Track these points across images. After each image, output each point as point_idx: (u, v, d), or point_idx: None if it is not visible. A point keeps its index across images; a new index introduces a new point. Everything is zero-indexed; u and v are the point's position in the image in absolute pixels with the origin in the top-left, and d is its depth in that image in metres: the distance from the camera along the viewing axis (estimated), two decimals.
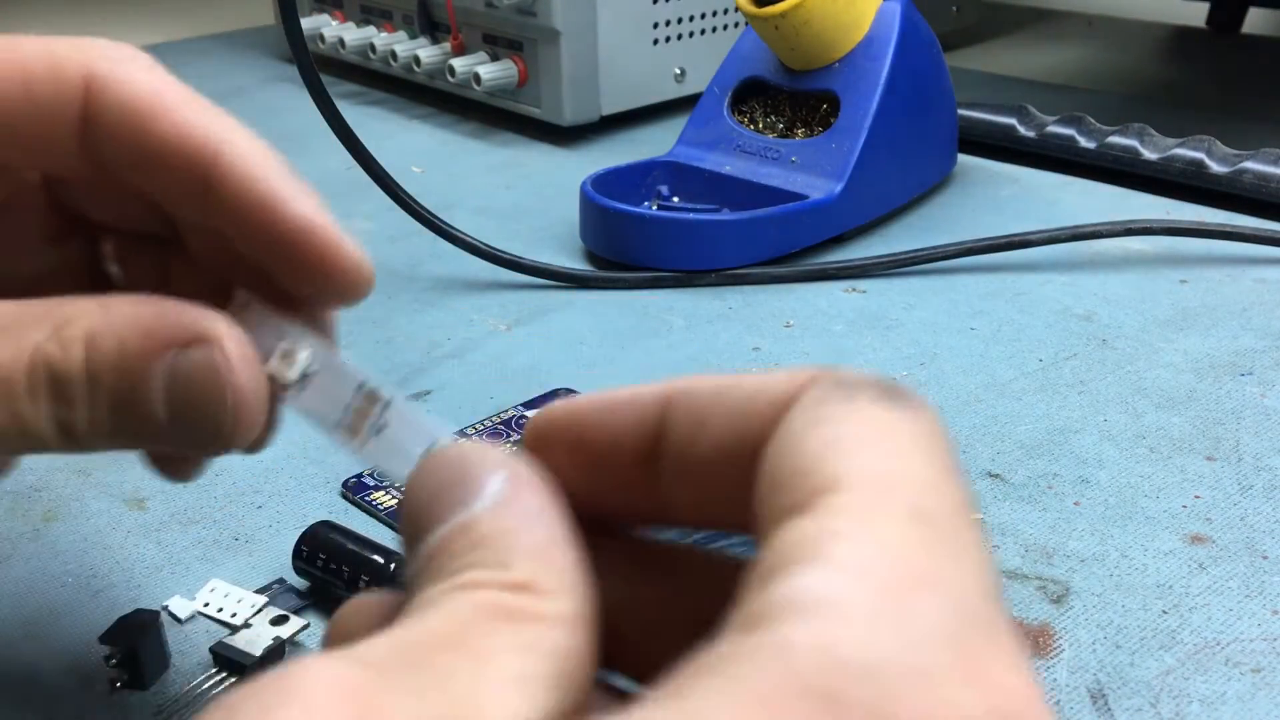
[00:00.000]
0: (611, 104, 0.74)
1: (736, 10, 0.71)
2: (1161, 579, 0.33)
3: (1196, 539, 0.35)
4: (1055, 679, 0.29)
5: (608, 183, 0.57)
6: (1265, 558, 0.34)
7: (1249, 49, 1.02)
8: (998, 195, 0.64)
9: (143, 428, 0.21)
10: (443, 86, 0.78)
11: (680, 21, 0.76)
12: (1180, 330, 0.48)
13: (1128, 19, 1.10)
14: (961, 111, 0.67)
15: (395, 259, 0.56)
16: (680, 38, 0.76)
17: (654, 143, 0.72)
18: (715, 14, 0.78)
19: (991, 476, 0.38)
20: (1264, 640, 0.31)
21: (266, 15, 1.01)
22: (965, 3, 0.98)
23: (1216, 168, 0.61)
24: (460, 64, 0.73)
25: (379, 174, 0.49)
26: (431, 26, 0.78)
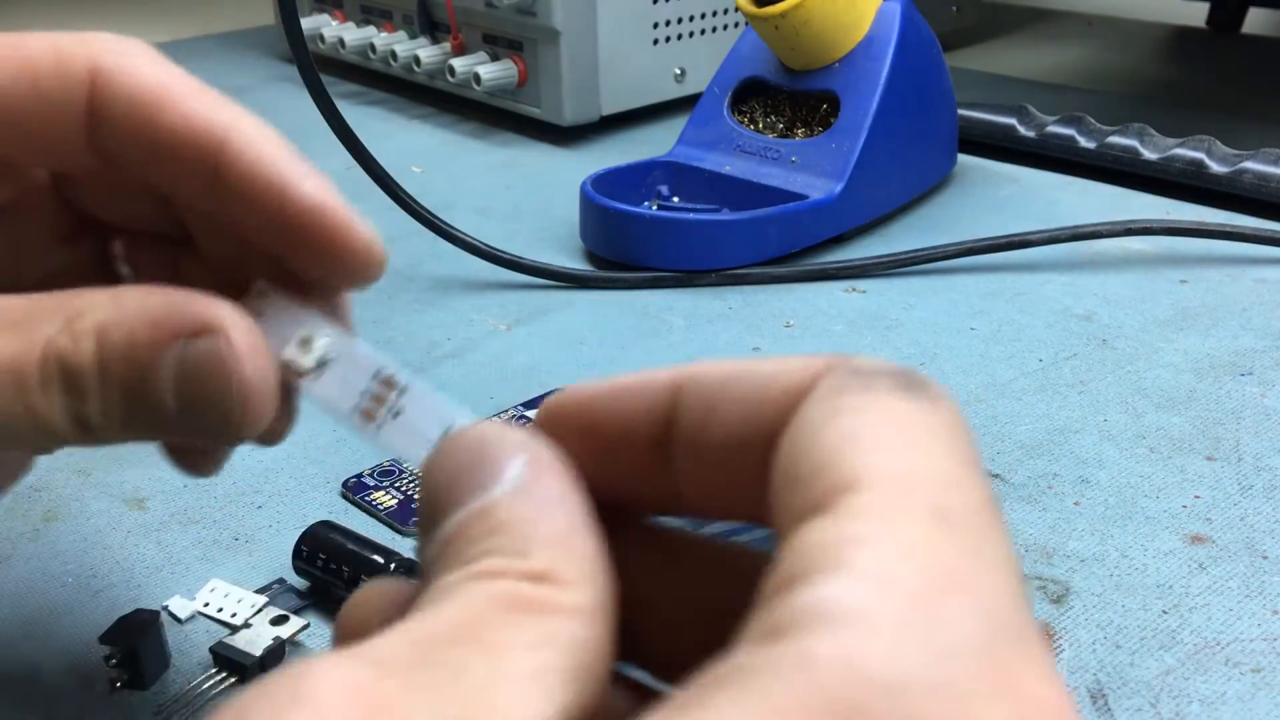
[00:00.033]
0: (611, 104, 0.74)
1: (736, 10, 0.71)
2: (1161, 579, 0.33)
3: (1196, 539, 0.35)
4: None
5: (608, 183, 0.57)
6: (1265, 558, 0.34)
7: (1249, 49, 1.02)
8: (998, 195, 0.64)
9: (154, 418, 0.21)
10: (443, 86, 0.78)
11: (680, 21, 0.76)
12: (1180, 330, 0.48)
13: (1128, 19, 1.10)
14: (961, 111, 0.67)
15: (395, 259, 0.56)
16: (680, 38, 0.76)
17: (654, 143, 0.72)
18: (715, 14, 0.78)
19: (992, 476, 0.38)
20: (1264, 640, 0.31)
21: (266, 15, 1.01)
22: (965, 3, 0.98)
23: (1216, 168, 0.61)
24: (460, 64, 0.73)
25: (379, 174, 0.49)
26: (431, 26, 0.78)
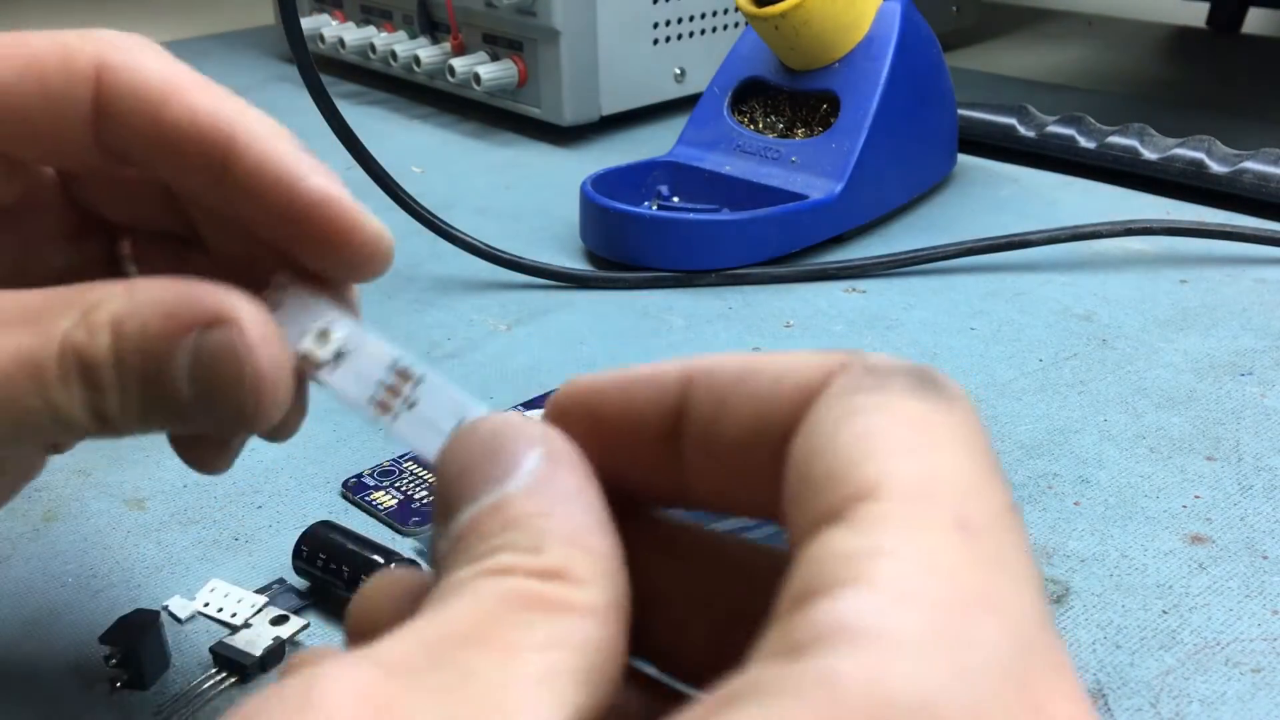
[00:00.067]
0: (611, 104, 0.74)
1: (736, 10, 0.71)
2: (1161, 579, 0.33)
3: (1196, 539, 0.35)
4: None
5: (608, 183, 0.57)
6: (1265, 558, 0.34)
7: (1249, 49, 1.02)
8: (998, 195, 0.64)
9: (171, 409, 0.21)
10: (443, 86, 0.78)
11: (680, 21, 0.76)
12: (1180, 330, 0.48)
13: (1128, 19, 1.10)
14: (961, 111, 0.67)
15: (395, 259, 0.56)
16: (680, 38, 0.76)
17: (654, 143, 0.72)
18: (715, 14, 0.78)
19: None
20: (1264, 640, 0.31)
21: (266, 15, 1.01)
22: (965, 3, 0.98)
23: (1216, 168, 0.61)
24: (460, 64, 0.73)
25: (379, 174, 0.49)
26: (431, 26, 0.78)
